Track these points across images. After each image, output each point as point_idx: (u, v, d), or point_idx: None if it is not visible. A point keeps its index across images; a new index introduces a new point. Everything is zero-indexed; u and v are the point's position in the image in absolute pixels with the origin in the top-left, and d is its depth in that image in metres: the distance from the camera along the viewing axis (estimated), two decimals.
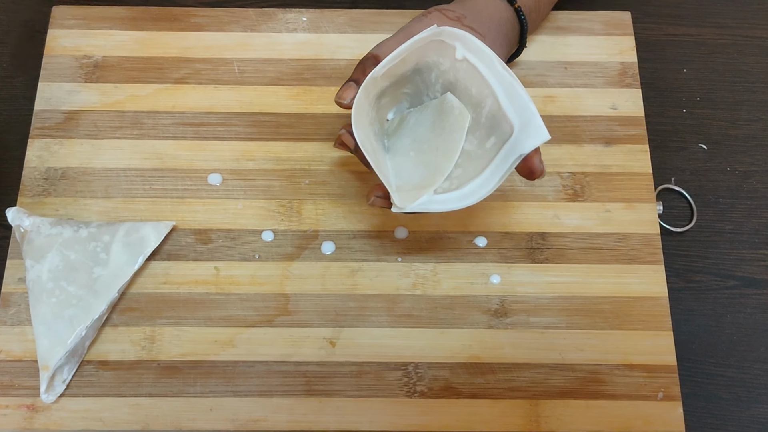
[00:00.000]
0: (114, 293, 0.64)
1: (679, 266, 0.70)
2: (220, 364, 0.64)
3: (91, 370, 0.64)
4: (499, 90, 0.57)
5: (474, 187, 0.58)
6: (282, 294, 0.66)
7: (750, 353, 0.67)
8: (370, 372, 0.64)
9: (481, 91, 0.58)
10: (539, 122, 0.55)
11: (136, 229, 0.67)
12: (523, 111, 0.56)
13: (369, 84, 0.58)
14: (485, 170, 0.58)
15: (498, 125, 0.57)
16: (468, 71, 0.59)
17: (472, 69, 0.58)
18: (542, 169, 0.58)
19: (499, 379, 0.64)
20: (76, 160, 0.71)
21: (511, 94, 0.57)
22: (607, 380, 0.64)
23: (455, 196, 0.58)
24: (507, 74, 0.57)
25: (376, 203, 0.61)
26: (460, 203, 0.58)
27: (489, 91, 0.58)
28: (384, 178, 0.58)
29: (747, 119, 0.76)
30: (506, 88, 0.57)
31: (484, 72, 0.58)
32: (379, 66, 0.58)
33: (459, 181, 0.58)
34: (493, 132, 0.58)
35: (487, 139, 0.58)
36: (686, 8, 0.81)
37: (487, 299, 0.66)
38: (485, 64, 0.58)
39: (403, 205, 0.57)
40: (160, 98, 0.73)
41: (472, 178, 0.58)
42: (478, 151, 0.59)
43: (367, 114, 0.60)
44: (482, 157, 0.58)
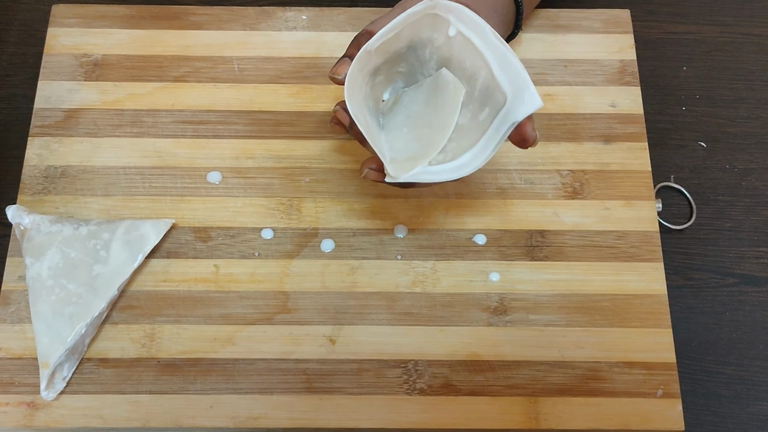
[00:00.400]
0: (114, 291, 0.64)
1: (678, 264, 0.70)
2: (220, 362, 0.64)
3: (91, 367, 0.64)
4: (492, 60, 0.57)
5: (468, 158, 0.57)
6: (282, 292, 0.66)
7: (749, 351, 0.67)
8: (370, 369, 0.64)
9: (475, 63, 0.58)
10: (532, 90, 0.55)
11: (135, 227, 0.67)
12: (516, 79, 0.56)
13: (363, 57, 0.58)
14: (479, 141, 0.57)
15: (491, 96, 0.57)
16: (462, 44, 0.58)
17: (466, 42, 0.58)
18: (535, 137, 0.58)
19: (498, 377, 0.64)
20: (76, 158, 0.71)
21: (504, 64, 0.56)
22: (606, 377, 0.64)
23: (449, 167, 0.58)
24: (500, 44, 0.57)
25: (370, 176, 0.61)
26: (454, 174, 0.57)
27: (483, 63, 0.57)
28: (378, 149, 0.58)
29: (746, 117, 0.76)
30: (499, 59, 0.56)
31: (478, 43, 0.57)
32: (372, 39, 0.58)
33: (453, 153, 0.58)
34: (487, 103, 0.57)
35: (480, 111, 0.58)
36: (686, 6, 0.81)
37: (486, 297, 0.66)
38: (478, 36, 0.57)
39: (396, 175, 0.57)
40: (159, 96, 0.73)
41: (466, 150, 0.58)
42: (471, 124, 0.58)
43: (361, 89, 0.60)
44: (476, 129, 0.58)
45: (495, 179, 0.70)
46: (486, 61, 0.57)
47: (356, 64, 0.58)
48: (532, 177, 0.71)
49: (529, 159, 0.71)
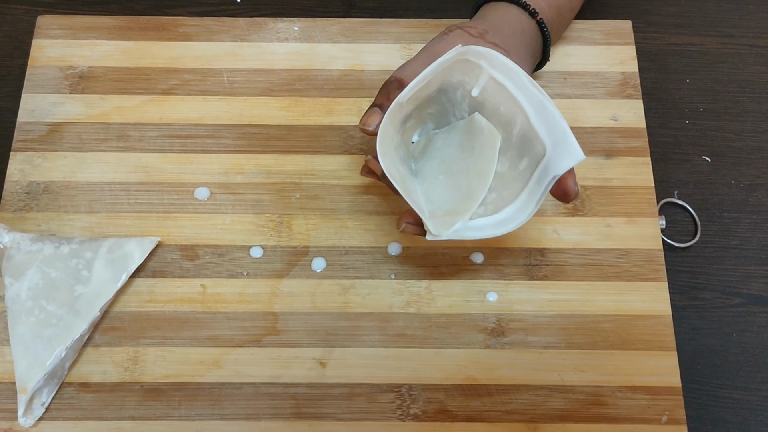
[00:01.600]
0: (96, 312, 0.62)
1: (682, 283, 0.68)
2: (205, 386, 0.62)
3: (71, 392, 0.61)
4: (529, 108, 0.55)
5: (511, 212, 0.56)
6: (271, 312, 0.64)
7: (758, 374, 0.65)
8: (362, 394, 0.62)
9: (510, 110, 0.56)
10: (573, 141, 0.53)
11: (119, 245, 0.64)
12: (555, 130, 0.54)
13: (395, 110, 0.56)
14: (521, 194, 0.56)
15: (530, 145, 0.55)
16: (496, 90, 0.57)
17: (500, 87, 0.56)
18: (577, 191, 0.56)
19: (496, 402, 0.61)
20: (60, 173, 0.69)
21: (542, 113, 0.54)
22: (608, 403, 0.61)
23: (491, 222, 0.56)
24: (536, 91, 0.55)
25: (408, 230, 0.59)
26: (497, 230, 0.56)
27: (519, 110, 0.55)
28: (416, 205, 0.56)
29: (752, 130, 0.74)
30: (536, 107, 0.55)
31: (513, 90, 0.56)
32: (404, 91, 0.56)
33: (494, 206, 0.57)
34: (526, 152, 0.56)
35: (519, 160, 0.56)
36: (689, 17, 0.80)
37: (483, 318, 0.64)
38: (513, 82, 0.56)
39: (438, 233, 0.56)
40: (147, 110, 0.71)
41: (508, 203, 0.56)
42: (511, 173, 0.57)
43: (392, 140, 0.58)
44: (516, 179, 0.56)
45: None
46: (522, 109, 0.55)
47: (388, 118, 0.56)
48: None
49: None
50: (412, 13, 0.79)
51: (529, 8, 0.64)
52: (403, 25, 0.75)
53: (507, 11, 0.64)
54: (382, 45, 0.74)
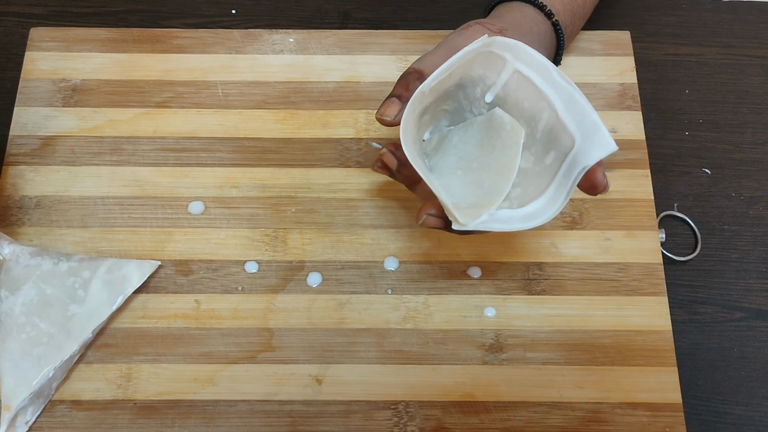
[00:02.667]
0: (88, 334, 0.61)
1: (683, 297, 0.67)
2: (199, 404, 0.61)
3: (63, 410, 0.61)
4: (557, 101, 0.54)
5: (539, 206, 0.54)
6: (266, 329, 0.63)
7: (759, 389, 0.64)
8: (359, 411, 0.61)
9: (536, 104, 0.55)
10: (604, 132, 0.52)
11: (119, 266, 0.63)
12: (584, 121, 0.53)
13: (417, 99, 0.54)
14: (549, 188, 0.54)
15: (557, 139, 0.54)
16: (520, 84, 0.55)
17: (525, 81, 0.55)
18: (606, 183, 0.54)
19: (494, 419, 0.61)
20: (52, 187, 0.68)
21: (571, 105, 0.53)
22: (608, 420, 0.61)
23: (519, 215, 0.54)
24: (566, 83, 0.54)
25: (429, 222, 0.56)
26: (525, 224, 0.54)
27: (545, 104, 0.54)
28: (440, 194, 0.54)
29: (752, 142, 0.73)
30: (566, 99, 0.53)
31: (540, 84, 0.54)
32: (429, 79, 0.54)
33: (520, 201, 0.55)
34: (552, 146, 0.54)
35: (545, 155, 0.55)
36: (688, 28, 0.79)
37: (481, 333, 0.63)
38: (541, 75, 0.54)
39: (466, 222, 0.53)
40: (140, 123, 0.71)
41: (534, 198, 0.55)
42: (536, 168, 0.55)
43: (412, 132, 0.56)
44: (542, 174, 0.55)
45: None
46: (550, 102, 0.54)
47: (410, 107, 0.54)
48: None
49: None
50: (408, 24, 0.78)
51: (545, 9, 0.63)
52: (399, 36, 0.75)
53: (523, 12, 0.63)
54: (377, 56, 0.74)
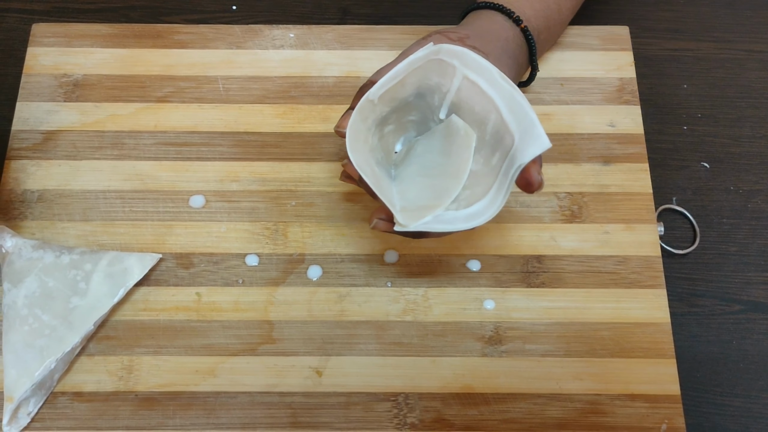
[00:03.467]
0: (90, 326, 0.61)
1: (681, 290, 0.67)
2: (200, 395, 0.61)
3: (65, 401, 0.61)
4: (500, 103, 0.55)
5: (482, 206, 0.55)
6: (266, 321, 0.64)
7: (758, 381, 0.64)
8: (359, 403, 0.61)
9: (484, 107, 0.56)
10: (539, 130, 0.53)
11: (120, 259, 0.64)
12: (523, 120, 0.53)
13: (365, 107, 0.55)
14: (492, 188, 0.55)
15: (502, 139, 0.55)
16: (470, 89, 0.56)
17: (473, 86, 0.56)
18: (540, 181, 0.55)
19: (493, 410, 0.61)
20: (54, 181, 0.68)
21: (512, 105, 0.54)
22: (607, 411, 0.61)
23: (462, 215, 0.55)
24: (507, 85, 0.55)
25: (379, 226, 0.58)
26: (467, 224, 0.55)
27: (492, 106, 0.55)
28: (386, 198, 0.55)
29: (750, 136, 0.74)
30: (507, 100, 0.54)
31: (485, 87, 0.55)
32: (375, 87, 0.55)
33: (467, 202, 0.56)
34: (498, 147, 0.55)
35: (492, 155, 0.56)
36: (685, 22, 0.79)
37: (480, 326, 0.64)
38: (485, 79, 0.55)
39: (406, 223, 0.54)
40: (141, 117, 0.71)
41: (480, 198, 0.55)
42: (484, 169, 0.56)
43: (366, 140, 0.57)
44: (488, 174, 0.56)
45: None
46: (495, 104, 0.55)
47: (358, 114, 0.55)
48: (528, 200, 0.68)
49: None
50: (407, 19, 0.79)
51: (513, 16, 0.64)
52: (398, 31, 0.75)
53: (491, 18, 0.64)
54: (377, 51, 0.74)
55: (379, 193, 0.55)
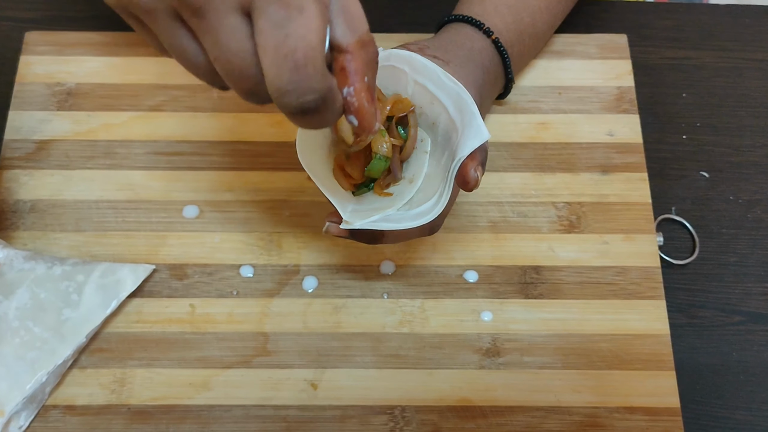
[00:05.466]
0: (82, 338, 0.60)
1: (681, 301, 0.67)
2: (194, 409, 0.60)
3: (56, 415, 0.60)
4: (447, 102, 0.55)
5: (429, 205, 0.55)
6: (261, 333, 0.63)
7: (759, 394, 0.63)
8: (354, 416, 0.60)
9: (434, 110, 0.56)
10: (479, 121, 0.52)
11: (112, 270, 0.63)
12: (465, 114, 0.53)
13: None
14: (440, 186, 0.55)
15: (449, 138, 0.55)
16: (421, 93, 0.56)
17: (423, 90, 0.56)
18: (476, 178, 0.53)
19: (491, 424, 0.60)
20: (46, 191, 0.68)
21: (458, 103, 0.54)
22: (606, 424, 0.60)
23: (411, 214, 0.55)
24: (452, 84, 0.55)
25: (330, 229, 0.56)
26: (414, 221, 0.54)
27: (441, 108, 0.55)
28: (335, 200, 0.55)
29: (750, 145, 0.73)
30: (454, 99, 0.55)
31: (433, 89, 0.55)
32: None
33: (418, 203, 0.56)
34: (447, 146, 0.55)
35: (442, 156, 0.56)
36: (685, 31, 0.79)
37: (478, 338, 0.63)
38: (432, 81, 0.55)
39: (353, 221, 0.54)
40: (134, 126, 0.70)
41: (430, 198, 0.55)
42: (435, 171, 0.56)
43: (321, 146, 0.57)
44: (438, 175, 0.56)
45: (486, 212, 0.67)
46: (443, 105, 0.55)
47: None
48: (525, 210, 0.68)
49: (523, 191, 0.68)
50: (405, 27, 0.78)
51: (483, 27, 0.64)
52: (396, 40, 0.74)
53: (459, 30, 0.64)
54: None
55: (328, 194, 0.54)
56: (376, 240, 0.57)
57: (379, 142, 0.55)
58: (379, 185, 0.57)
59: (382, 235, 0.57)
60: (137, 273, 0.64)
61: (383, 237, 0.57)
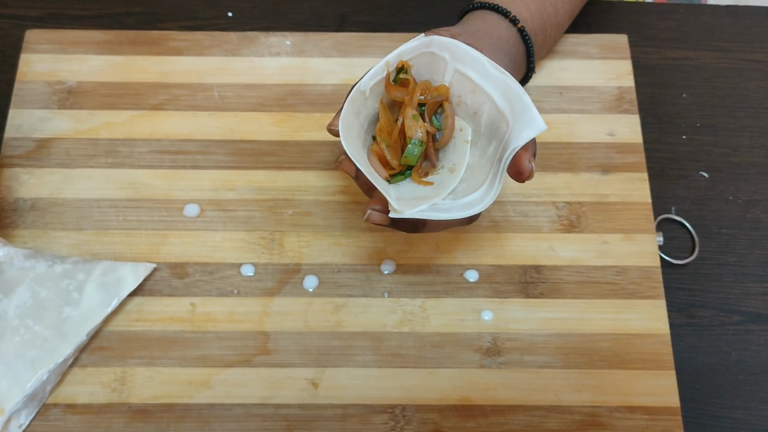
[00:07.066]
0: (82, 337, 0.60)
1: (680, 301, 0.67)
2: (194, 407, 0.60)
3: (57, 413, 0.60)
4: (493, 92, 0.54)
5: (478, 195, 0.54)
6: (262, 332, 0.63)
7: (757, 393, 0.63)
8: (355, 415, 0.60)
9: (476, 99, 0.55)
10: (534, 113, 0.52)
11: (113, 269, 0.63)
12: (517, 104, 0.53)
13: (356, 98, 0.55)
14: (488, 176, 0.54)
15: (498, 129, 0.54)
16: (461, 82, 0.56)
17: (464, 78, 0.55)
18: (531, 169, 0.53)
19: (491, 423, 0.60)
20: (47, 190, 0.68)
21: (506, 92, 0.53)
22: (606, 423, 0.60)
23: (459, 204, 0.54)
24: (499, 73, 0.54)
25: (372, 217, 0.55)
26: (464, 212, 0.53)
27: (485, 97, 0.55)
28: (382, 187, 0.54)
29: (749, 146, 0.73)
30: (501, 88, 0.54)
31: (476, 78, 0.55)
32: (365, 78, 0.54)
33: (464, 194, 0.55)
34: (494, 137, 0.55)
35: (488, 146, 0.55)
36: (685, 31, 0.79)
37: (478, 337, 0.63)
38: (476, 70, 0.55)
39: (402, 210, 0.53)
40: (136, 125, 0.70)
41: (477, 189, 0.54)
42: (480, 161, 0.55)
43: (360, 135, 0.56)
44: (485, 165, 0.55)
45: (487, 211, 0.67)
46: (488, 94, 0.54)
47: (349, 106, 0.54)
48: (526, 209, 0.68)
49: (523, 190, 0.68)
50: (405, 26, 0.78)
51: (509, 15, 0.63)
52: (396, 39, 0.74)
53: (486, 18, 0.64)
54: (374, 59, 0.73)
55: (374, 181, 0.54)
56: (417, 229, 0.57)
57: (413, 128, 0.55)
58: (417, 173, 0.56)
59: (424, 224, 0.56)
60: (138, 271, 0.64)
61: (424, 226, 0.56)
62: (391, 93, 0.56)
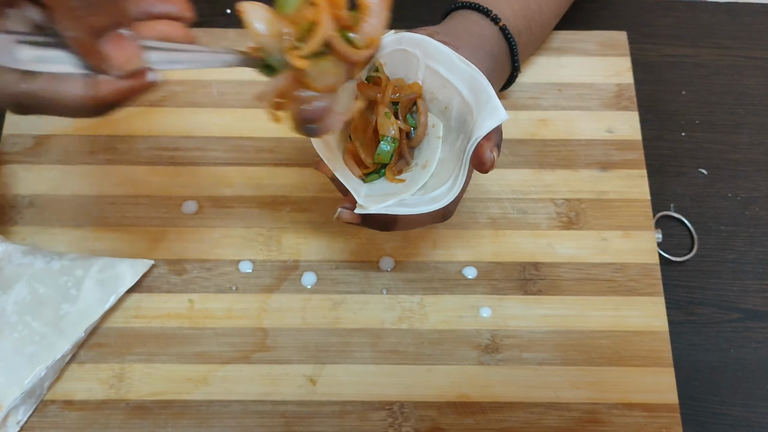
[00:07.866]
0: (80, 333, 0.60)
1: (679, 298, 0.67)
2: (193, 404, 0.60)
3: (55, 410, 0.60)
4: (461, 85, 0.54)
5: (444, 189, 0.54)
6: (260, 328, 0.63)
7: (756, 390, 0.63)
8: (353, 412, 0.60)
9: (446, 94, 0.56)
10: (496, 102, 0.52)
11: (111, 265, 0.63)
12: (482, 95, 0.53)
13: None
14: (455, 170, 0.54)
15: (465, 122, 0.54)
16: (432, 78, 0.56)
17: (434, 74, 0.56)
18: (493, 159, 0.53)
19: (489, 420, 0.60)
20: (45, 186, 0.68)
21: (473, 85, 0.54)
22: (605, 420, 0.60)
23: (426, 199, 0.54)
24: (466, 66, 0.54)
25: (343, 216, 0.56)
26: (430, 206, 0.53)
27: (454, 91, 0.55)
28: (351, 187, 0.54)
29: (748, 143, 0.73)
30: (468, 81, 0.54)
31: (445, 73, 0.55)
32: None
33: (433, 187, 0.55)
34: (462, 130, 0.55)
35: (456, 140, 0.55)
36: (684, 28, 0.79)
37: (477, 334, 0.63)
38: (444, 65, 0.55)
39: (368, 206, 0.53)
40: (134, 122, 0.70)
41: (445, 182, 0.54)
42: (449, 156, 0.56)
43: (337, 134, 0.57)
44: (453, 159, 0.55)
45: (486, 208, 0.67)
46: (456, 88, 0.55)
47: None
48: (525, 206, 0.68)
49: (522, 187, 0.68)
50: (405, 24, 0.77)
51: (490, 14, 0.63)
52: None
53: (467, 17, 0.64)
54: None
55: (342, 178, 0.54)
56: (389, 227, 0.57)
57: (385, 126, 0.55)
58: (391, 171, 0.57)
59: (395, 222, 0.56)
60: (136, 268, 0.64)
61: (395, 223, 0.56)
62: (363, 91, 0.56)
